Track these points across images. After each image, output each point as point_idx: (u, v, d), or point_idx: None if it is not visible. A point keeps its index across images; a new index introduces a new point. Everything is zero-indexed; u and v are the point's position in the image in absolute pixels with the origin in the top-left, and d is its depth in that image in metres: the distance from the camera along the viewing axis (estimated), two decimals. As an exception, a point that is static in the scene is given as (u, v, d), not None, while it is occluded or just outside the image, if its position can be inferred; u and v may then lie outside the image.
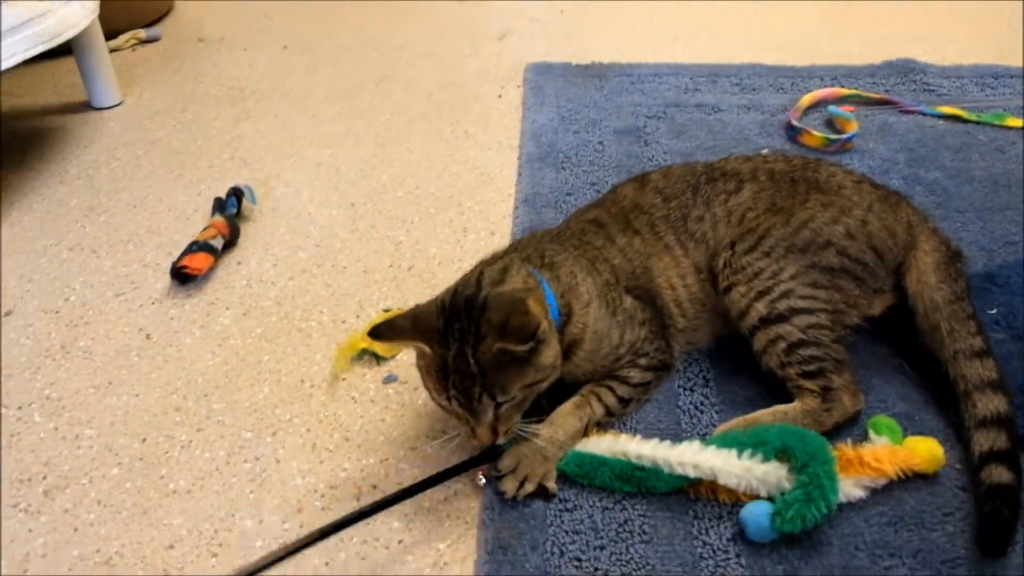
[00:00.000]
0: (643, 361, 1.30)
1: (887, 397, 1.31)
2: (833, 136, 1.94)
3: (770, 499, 1.11)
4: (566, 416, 1.23)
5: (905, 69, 2.29)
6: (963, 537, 1.10)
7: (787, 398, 1.27)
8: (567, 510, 1.15)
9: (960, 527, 1.11)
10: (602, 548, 1.10)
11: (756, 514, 1.09)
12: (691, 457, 1.13)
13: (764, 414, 1.24)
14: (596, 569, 1.08)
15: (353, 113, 2.27)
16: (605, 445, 1.19)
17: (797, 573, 1.06)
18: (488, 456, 1.19)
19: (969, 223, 1.69)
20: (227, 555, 1.14)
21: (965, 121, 2.05)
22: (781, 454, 1.12)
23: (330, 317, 1.55)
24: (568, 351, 1.22)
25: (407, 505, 1.19)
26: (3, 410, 1.37)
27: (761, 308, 1.28)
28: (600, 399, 1.26)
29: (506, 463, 1.18)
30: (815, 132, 1.95)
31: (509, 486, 1.17)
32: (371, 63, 2.54)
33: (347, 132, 2.17)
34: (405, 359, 1.44)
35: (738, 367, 1.36)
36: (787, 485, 1.10)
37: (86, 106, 2.33)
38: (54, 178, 2.01)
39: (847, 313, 1.32)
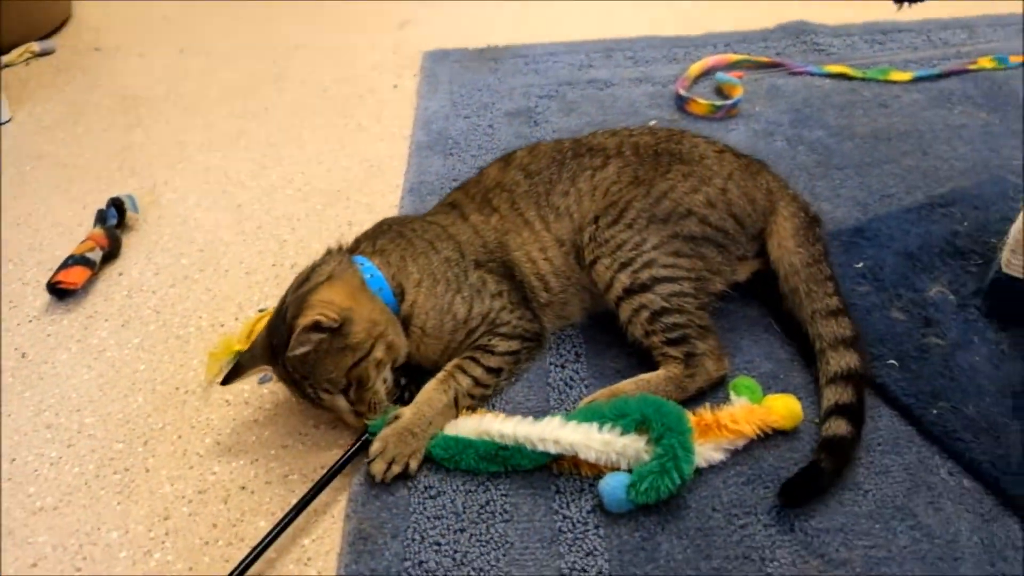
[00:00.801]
0: (503, 329, 1.31)
1: (754, 358, 1.32)
2: (719, 103, 1.95)
3: (630, 471, 1.12)
4: (430, 392, 1.24)
5: (797, 31, 2.30)
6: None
7: (655, 369, 1.28)
8: (431, 496, 1.15)
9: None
10: (463, 531, 1.10)
11: (613, 486, 1.09)
12: (552, 433, 1.14)
13: (627, 384, 1.25)
14: (456, 552, 1.08)
15: (246, 114, 2.24)
16: (471, 426, 1.19)
17: (654, 538, 1.07)
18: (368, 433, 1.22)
19: (848, 179, 1.71)
20: (90, 569, 1.13)
21: (851, 78, 2.07)
22: (640, 426, 1.13)
23: (208, 322, 1.53)
24: (405, 327, 1.28)
25: (271, 502, 1.19)
26: None
27: (624, 279, 1.29)
28: (464, 371, 1.26)
29: (374, 447, 1.19)
30: (701, 100, 1.95)
31: (377, 468, 1.17)
32: (268, 62, 2.51)
33: (239, 133, 2.15)
34: (282, 358, 1.43)
35: (609, 341, 1.37)
36: (645, 457, 1.10)
37: (-26, 125, 2.28)
38: (-64, 201, 1.97)
39: (711, 280, 1.33)
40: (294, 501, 1.16)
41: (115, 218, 1.74)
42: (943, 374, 1.23)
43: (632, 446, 1.12)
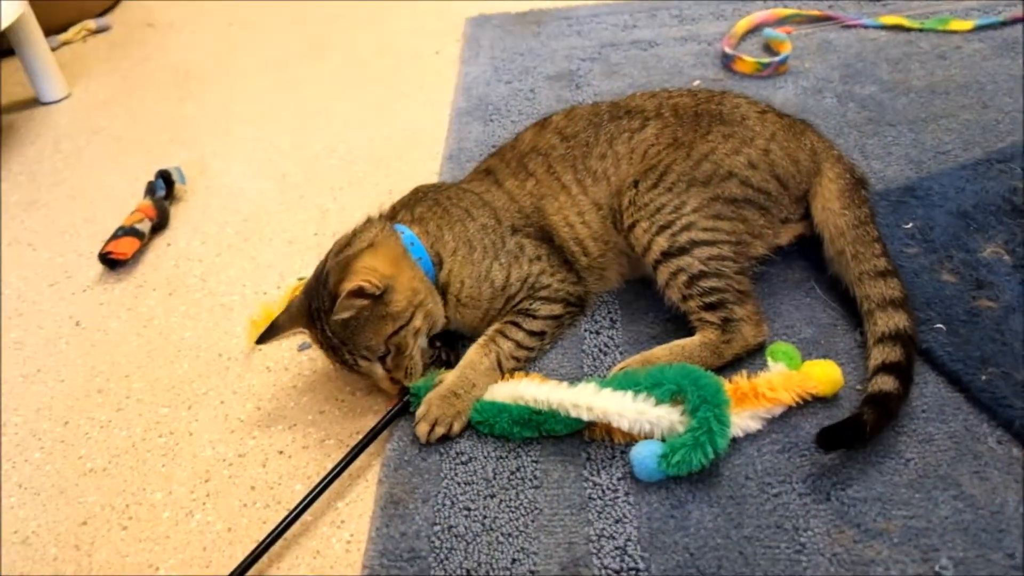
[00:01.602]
0: (544, 293, 1.30)
1: (795, 323, 1.28)
2: (765, 60, 1.88)
3: (663, 440, 1.10)
4: (473, 356, 1.25)
5: (852, -18, 2.21)
6: (856, 458, 1.08)
7: (692, 335, 1.25)
8: (462, 463, 1.16)
9: (853, 449, 1.09)
10: (492, 496, 1.11)
11: (644, 455, 1.08)
12: (586, 400, 1.13)
13: (662, 350, 1.23)
14: (485, 517, 1.08)
15: (292, 84, 2.26)
16: (506, 391, 1.19)
17: (684, 506, 1.06)
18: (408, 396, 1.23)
19: (901, 136, 1.64)
20: (136, 528, 1.17)
21: (908, 30, 1.98)
22: (676, 396, 1.11)
23: (252, 290, 1.56)
24: (443, 295, 1.27)
25: (307, 466, 1.22)
26: (-63, 406, 1.42)
27: (662, 242, 1.26)
28: (505, 335, 1.26)
29: (420, 410, 1.20)
30: (747, 58, 1.89)
31: (421, 430, 1.19)
32: (313, 33, 2.52)
33: (284, 104, 2.17)
34: (321, 325, 1.46)
35: (646, 307, 1.35)
36: (680, 428, 1.09)
37: (34, 102, 2.36)
38: (-2, 176, 2.05)
39: (751, 244, 1.30)
40: (329, 466, 1.18)
41: (163, 190, 1.79)
42: (994, 339, 1.17)
43: (667, 417, 1.10)
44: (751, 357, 1.23)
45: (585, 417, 1.13)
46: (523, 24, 2.30)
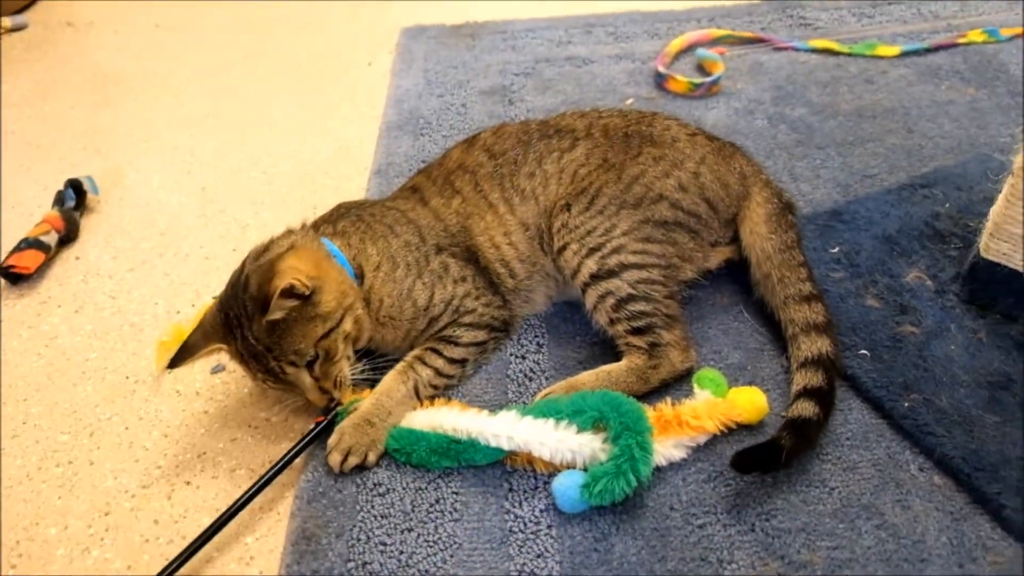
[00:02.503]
0: (468, 319, 1.26)
1: (723, 347, 1.27)
2: (698, 80, 1.88)
3: (586, 469, 1.07)
4: (390, 382, 1.20)
5: (783, 5, 2.24)
6: (781, 487, 1.07)
7: (619, 361, 1.23)
8: (379, 494, 1.11)
9: (778, 477, 1.08)
10: (410, 531, 1.06)
11: (566, 486, 1.05)
12: (506, 429, 1.09)
13: (588, 375, 1.20)
14: (402, 552, 1.04)
15: (218, 92, 2.18)
16: (424, 418, 1.15)
17: (608, 539, 1.03)
18: (330, 416, 1.18)
19: (829, 159, 1.65)
20: (26, 566, 1.09)
21: (837, 54, 2.00)
22: (598, 423, 1.08)
23: (164, 308, 1.49)
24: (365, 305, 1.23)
25: (216, 498, 1.15)
26: None
27: (592, 264, 1.24)
28: (425, 361, 1.22)
29: (332, 439, 1.15)
30: (680, 77, 1.89)
31: (334, 460, 1.14)
32: (244, 38, 2.45)
33: (209, 113, 2.09)
34: (236, 346, 1.39)
35: (573, 332, 1.33)
36: (602, 456, 1.06)
37: (-61, 104, 2.23)
38: None
39: (681, 267, 1.28)
40: (239, 497, 1.12)
41: (73, 200, 1.69)
42: (917, 364, 1.17)
43: (588, 445, 1.07)
44: (678, 383, 1.21)
45: (505, 447, 1.09)
46: (458, 37, 2.26)
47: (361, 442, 1.14)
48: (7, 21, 2.64)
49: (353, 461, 1.13)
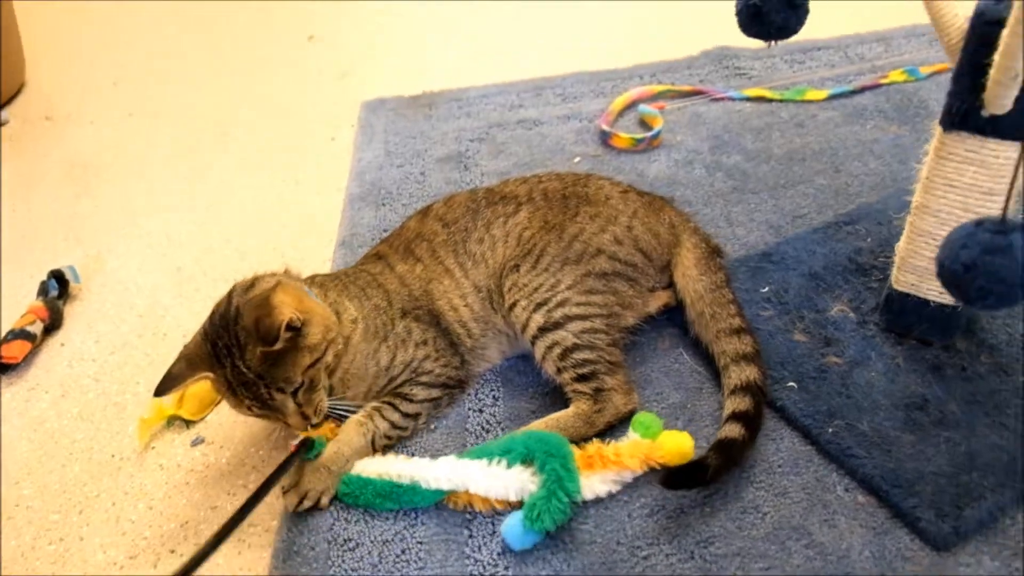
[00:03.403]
0: (425, 379, 1.36)
1: (664, 388, 1.37)
2: (639, 136, 2.01)
3: (522, 503, 1.17)
4: (349, 433, 1.29)
5: (720, 56, 2.37)
6: (718, 514, 1.15)
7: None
8: (349, 549, 1.19)
9: (716, 506, 1.16)
10: (378, 581, 1.14)
11: (511, 524, 1.14)
12: (443, 471, 1.20)
13: (539, 423, 1.29)
14: (371, 603, 1.12)
15: (190, 175, 2.29)
16: (373, 466, 1.26)
17: (560, 575, 1.11)
18: (304, 446, 1.26)
19: (762, 203, 1.76)
20: (22, 643, 1.16)
21: (770, 100, 2.13)
22: (526, 459, 1.19)
23: (146, 387, 1.57)
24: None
25: (203, 565, 1.23)
26: None
27: (539, 318, 1.34)
28: (382, 415, 1.32)
29: (289, 480, 1.25)
30: (622, 135, 2.01)
31: (289, 501, 1.24)
32: (212, 121, 2.57)
33: (182, 194, 2.20)
34: (213, 419, 1.48)
35: (526, 383, 1.42)
36: (532, 488, 1.16)
37: (-75, 202, 2.33)
38: None
39: (622, 315, 1.39)
40: (221, 561, 1.20)
41: (56, 290, 1.79)
42: (840, 392, 1.27)
43: (518, 477, 1.18)
44: (622, 425, 1.30)
45: (445, 487, 1.20)
46: (416, 107, 2.39)
47: (317, 487, 1.24)
48: (-12, 118, 2.76)
49: (307, 504, 1.24)
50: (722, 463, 1.15)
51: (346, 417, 1.31)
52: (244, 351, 1.20)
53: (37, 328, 1.69)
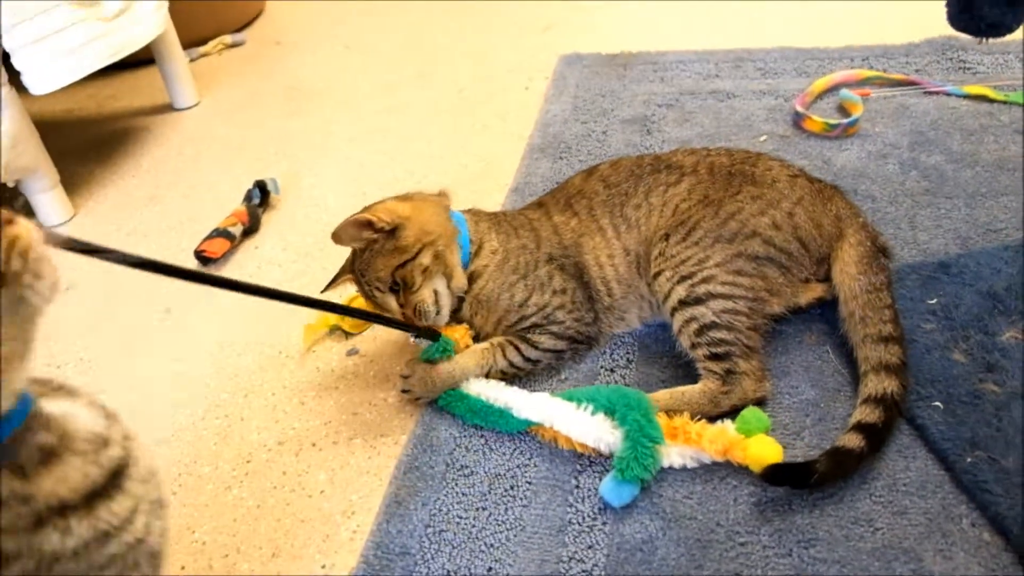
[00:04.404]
0: (554, 328, 1.41)
1: (800, 383, 1.33)
2: (834, 121, 1.91)
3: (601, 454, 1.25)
4: (468, 358, 1.39)
5: (944, 47, 2.19)
6: (827, 519, 1.12)
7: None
8: (464, 475, 1.28)
9: (827, 510, 1.14)
10: (483, 509, 1.22)
11: (606, 480, 1.19)
12: (535, 404, 1.29)
13: (662, 393, 1.31)
14: (473, 527, 1.19)
15: (389, 108, 2.45)
16: (474, 386, 1.37)
17: (653, 542, 1.13)
18: (427, 334, 1.39)
19: (955, 210, 1.64)
20: (183, 494, 1.35)
21: (992, 101, 1.95)
22: (608, 411, 1.24)
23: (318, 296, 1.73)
24: (470, 281, 1.44)
25: (334, 459, 1.36)
26: (47, 368, 1.66)
27: (681, 291, 1.35)
28: (504, 354, 1.40)
29: (405, 370, 1.41)
30: (816, 118, 1.92)
31: (399, 383, 1.43)
32: (418, 60, 2.71)
33: (379, 127, 2.36)
34: (369, 335, 1.61)
35: (661, 352, 1.43)
36: (610, 438, 1.22)
37: (168, 107, 2.65)
38: (129, 172, 2.33)
39: (768, 301, 1.36)
40: (352, 461, 1.33)
41: (258, 198, 1.99)
42: (990, 423, 1.18)
43: (598, 424, 1.24)
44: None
45: (533, 419, 1.29)
46: (611, 66, 2.40)
47: (420, 391, 1.39)
48: (227, 38, 3.07)
49: (410, 397, 1.40)
50: (829, 471, 1.11)
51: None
52: (361, 254, 1.39)
53: (237, 230, 1.90)
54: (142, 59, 2.48)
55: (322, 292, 1.48)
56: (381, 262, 1.37)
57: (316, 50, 2.93)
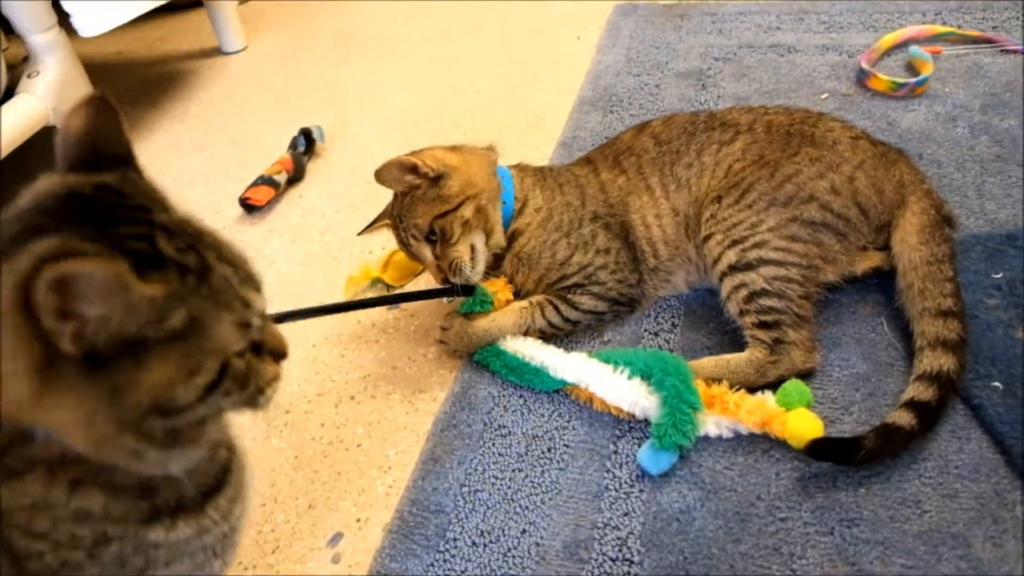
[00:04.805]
0: (596, 289, 1.38)
1: (851, 356, 1.28)
2: (901, 80, 1.81)
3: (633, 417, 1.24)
4: (506, 316, 1.38)
5: (1026, 2, 2.06)
6: (873, 498, 1.09)
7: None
8: (501, 435, 1.26)
9: (873, 490, 1.10)
10: (520, 470, 1.21)
11: (644, 447, 1.17)
12: (571, 365, 1.27)
13: (707, 361, 1.27)
14: (508, 488, 1.19)
15: (438, 58, 2.40)
16: (512, 343, 1.35)
17: (690, 512, 1.11)
18: (462, 290, 1.39)
19: (1027, 178, 1.55)
20: (223, 443, 1.36)
21: (1074, 62, 1.84)
22: (645, 375, 1.22)
23: (360, 247, 1.72)
24: (510, 243, 1.41)
25: (371, 414, 1.36)
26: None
27: (732, 255, 1.30)
28: (543, 313, 1.38)
29: (443, 324, 1.41)
30: (882, 76, 1.83)
31: (438, 334, 1.43)
32: (469, 7, 2.65)
33: (427, 77, 2.31)
34: (411, 288, 1.60)
35: (708, 317, 1.39)
36: (645, 402, 1.20)
37: (216, 51, 2.64)
38: (176, 116, 2.33)
39: (823, 269, 1.30)
40: (390, 416, 1.33)
41: (303, 146, 1.98)
42: (1053, 406, 1.13)
43: (635, 388, 1.22)
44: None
45: (569, 379, 1.27)
46: (667, 16, 2.31)
47: (457, 345, 1.39)
48: (280, -20, 3.03)
49: (447, 349, 1.41)
50: (877, 448, 1.07)
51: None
52: (402, 198, 1.36)
53: (282, 178, 1.89)
54: (191, 1, 2.47)
55: (359, 234, 1.49)
56: (421, 209, 1.34)
57: (364, -5, 2.88)
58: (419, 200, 1.34)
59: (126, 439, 0.60)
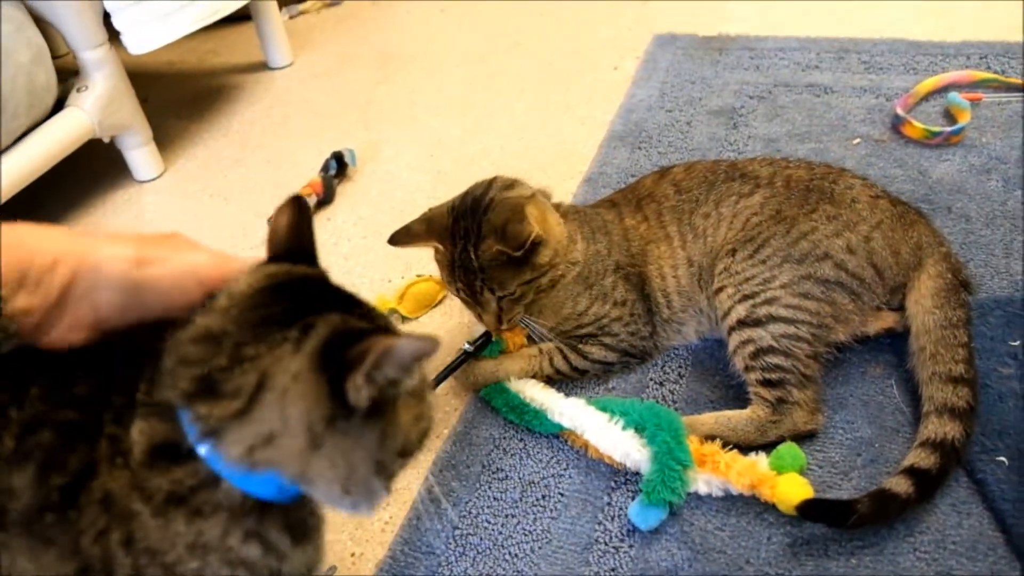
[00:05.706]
0: (607, 340, 1.38)
1: (856, 418, 1.27)
2: (936, 128, 1.77)
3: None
4: (515, 361, 1.39)
5: (1076, 49, 2.00)
6: (863, 571, 1.08)
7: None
8: (499, 479, 1.28)
9: (864, 560, 1.09)
10: (512, 516, 1.22)
11: (634, 503, 1.17)
12: (569, 410, 1.28)
13: (707, 417, 1.27)
14: (500, 534, 1.20)
15: (475, 79, 2.42)
16: (515, 383, 1.36)
17: (677, 571, 1.11)
18: (481, 348, 1.41)
19: (1060, 239, 1.51)
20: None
21: (1121, 117, 1.78)
22: (638, 427, 1.22)
23: (380, 275, 1.75)
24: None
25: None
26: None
27: (741, 310, 1.30)
28: (552, 361, 1.39)
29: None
30: (916, 123, 1.79)
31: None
32: (510, 27, 2.66)
33: (463, 99, 2.33)
34: (426, 321, 1.62)
35: (715, 369, 1.39)
36: (638, 455, 1.20)
37: (264, 66, 2.70)
38: (219, 131, 2.39)
39: (834, 328, 1.29)
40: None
41: (334, 169, 2.02)
42: (1060, 488, 1.10)
43: (628, 440, 1.21)
44: (802, 443, 1.23)
45: (565, 424, 1.28)
46: (706, 49, 2.30)
47: (463, 382, 1.41)
48: (329, -4, 3.09)
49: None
50: (871, 513, 1.06)
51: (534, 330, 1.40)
52: (480, 242, 1.27)
53: (312, 200, 1.93)
54: (244, 15, 2.52)
55: (392, 243, 1.39)
56: (512, 272, 1.27)
57: (410, 11, 2.91)
58: (512, 262, 1.27)
59: (376, 481, 0.69)
